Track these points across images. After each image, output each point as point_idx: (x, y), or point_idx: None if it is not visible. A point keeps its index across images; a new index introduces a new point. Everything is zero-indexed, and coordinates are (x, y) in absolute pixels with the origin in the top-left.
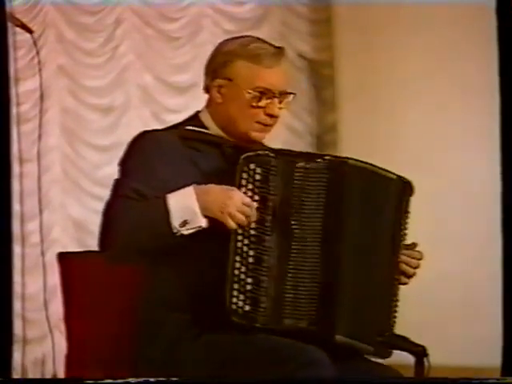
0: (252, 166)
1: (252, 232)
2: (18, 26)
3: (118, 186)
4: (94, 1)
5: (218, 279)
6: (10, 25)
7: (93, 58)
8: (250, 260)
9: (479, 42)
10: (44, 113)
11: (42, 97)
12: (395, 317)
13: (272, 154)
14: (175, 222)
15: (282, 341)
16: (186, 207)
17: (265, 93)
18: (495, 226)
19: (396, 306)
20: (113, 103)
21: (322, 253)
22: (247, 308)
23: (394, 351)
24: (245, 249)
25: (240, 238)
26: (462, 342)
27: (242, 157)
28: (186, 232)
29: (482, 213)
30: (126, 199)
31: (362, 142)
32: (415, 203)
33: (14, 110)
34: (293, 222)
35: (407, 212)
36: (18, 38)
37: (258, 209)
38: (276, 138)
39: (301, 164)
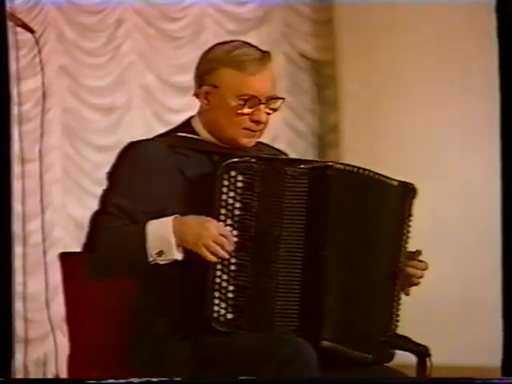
0: (233, 173)
1: (234, 239)
2: (19, 25)
3: (103, 198)
4: (95, 0)
5: (200, 287)
6: (11, 24)
7: (94, 57)
8: (232, 267)
9: (479, 41)
10: (45, 112)
11: (43, 96)
12: (397, 320)
13: (253, 160)
14: (152, 250)
15: (262, 338)
16: (162, 237)
17: (250, 99)
18: (495, 227)
19: (398, 309)
20: (114, 103)
21: (305, 259)
22: (230, 316)
23: (397, 352)
24: (226, 256)
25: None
26: (462, 341)
27: (223, 164)
28: (161, 262)
29: (482, 213)
30: (109, 216)
31: (364, 141)
32: (417, 203)
33: (15, 110)
34: (276, 229)
35: (410, 215)
36: (19, 37)
37: (240, 216)
38: (278, 138)
39: (284, 170)
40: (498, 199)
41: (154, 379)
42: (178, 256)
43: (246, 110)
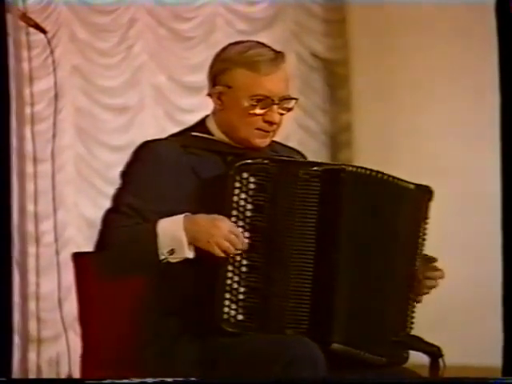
0: (245, 174)
1: (246, 241)
2: (31, 25)
3: (116, 197)
4: (107, 0)
5: (211, 288)
6: (23, 25)
7: (107, 57)
8: (244, 269)
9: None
10: (58, 112)
11: (56, 96)
12: (412, 322)
13: (266, 162)
14: (163, 249)
15: (269, 338)
16: (173, 236)
17: (263, 100)
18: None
19: (412, 310)
20: (127, 103)
21: (316, 261)
22: (240, 317)
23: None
24: (237, 258)
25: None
26: (466, 341)
27: (235, 165)
28: (173, 260)
29: (491, 213)
30: (121, 215)
31: (376, 141)
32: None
33: (28, 110)
34: (288, 231)
35: (426, 218)
36: (31, 37)
37: (251, 217)
38: (290, 138)
39: (296, 172)
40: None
41: (169, 379)
42: (190, 254)
43: (259, 111)
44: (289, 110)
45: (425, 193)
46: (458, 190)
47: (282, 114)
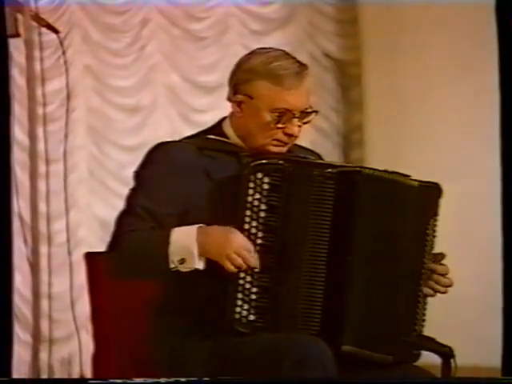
0: (259, 175)
1: (259, 241)
2: (43, 26)
3: (130, 198)
4: (119, 1)
5: (223, 288)
6: (35, 25)
7: (119, 58)
8: (256, 269)
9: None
10: (70, 113)
11: (68, 97)
12: (424, 320)
13: (280, 162)
14: (174, 257)
15: (278, 337)
16: (185, 246)
17: (284, 114)
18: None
19: (423, 309)
20: (139, 103)
21: (329, 263)
22: (252, 317)
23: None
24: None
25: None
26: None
27: (250, 165)
28: (183, 269)
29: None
30: (134, 218)
31: (389, 141)
32: (441, 203)
33: (40, 110)
34: (301, 231)
35: (436, 215)
36: (44, 38)
37: (265, 218)
38: (303, 138)
39: (311, 173)
40: None
41: (182, 379)
42: (200, 265)
43: (280, 124)
44: (307, 122)
45: (434, 190)
46: (471, 189)
47: (300, 126)
